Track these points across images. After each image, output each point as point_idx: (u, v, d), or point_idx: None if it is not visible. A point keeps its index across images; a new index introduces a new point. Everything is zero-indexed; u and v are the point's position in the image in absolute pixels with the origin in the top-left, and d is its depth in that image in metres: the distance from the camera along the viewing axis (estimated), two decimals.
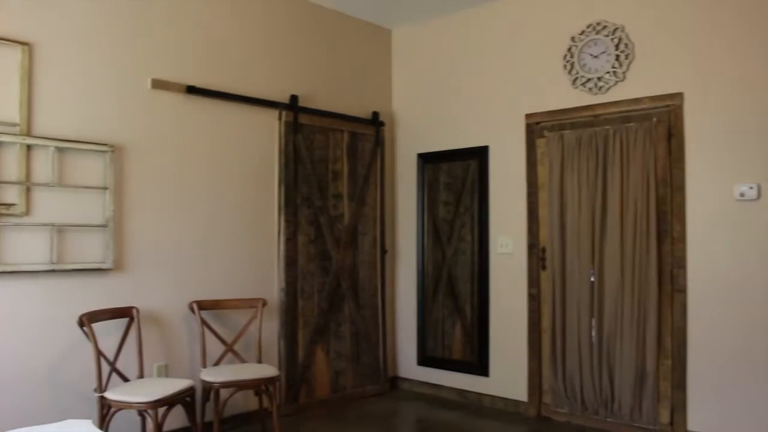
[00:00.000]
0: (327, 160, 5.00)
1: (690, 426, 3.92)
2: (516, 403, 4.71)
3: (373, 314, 5.29)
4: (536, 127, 4.67)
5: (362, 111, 5.36)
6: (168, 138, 4.07)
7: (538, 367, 4.62)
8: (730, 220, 3.80)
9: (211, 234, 4.29)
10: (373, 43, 5.60)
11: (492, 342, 4.88)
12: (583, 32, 4.41)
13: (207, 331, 4.08)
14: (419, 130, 5.48)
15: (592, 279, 4.27)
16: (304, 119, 4.84)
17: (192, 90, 4.16)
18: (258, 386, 3.97)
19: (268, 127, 4.68)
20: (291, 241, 4.69)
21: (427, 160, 5.40)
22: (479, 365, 4.94)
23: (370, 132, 5.36)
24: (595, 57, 4.34)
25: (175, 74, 4.13)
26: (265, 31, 4.72)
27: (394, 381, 5.53)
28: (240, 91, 4.47)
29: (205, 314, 4.12)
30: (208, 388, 3.83)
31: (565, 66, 4.49)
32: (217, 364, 4.10)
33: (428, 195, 5.37)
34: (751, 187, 3.69)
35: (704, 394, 3.90)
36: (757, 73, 3.72)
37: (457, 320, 5.11)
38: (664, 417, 4.04)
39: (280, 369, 4.56)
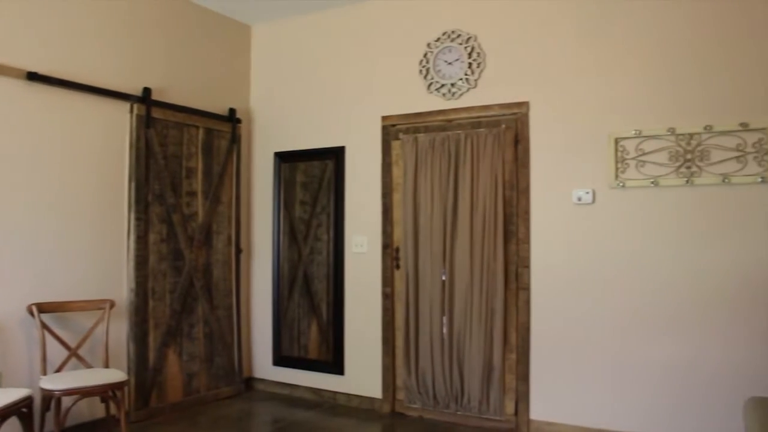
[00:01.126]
0: (181, 156, 4.99)
1: (532, 415, 4.38)
2: (371, 400, 5.00)
3: (227, 315, 5.37)
4: (392, 129, 4.98)
5: (219, 107, 5.41)
6: (2, 127, 3.90)
7: (392, 365, 4.92)
8: (569, 223, 4.29)
9: (54, 231, 4.17)
10: (232, 39, 5.64)
11: (347, 341, 5.14)
12: (438, 39, 4.78)
13: (48, 336, 3.97)
14: (277, 128, 5.62)
15: (444, 278, 4.62)
16: (157, 113, 4.80)
17: (34, 77, 4.00)
18: (104, 392, 3.91)
19: (119, 120, 4.63)
20: (142, 239, 4.66)
21: (284, 159, 5.54)
22: (335, 364, 5.19)
23: (227, 129, 5.42)
24: (450, 64, 4.73)
25: (15, 58, 3.96)
26: (121, 21, 4.64)
27: (250, 382, 5.65)
28: (89, 80, 4.37)
29: (46, 317, 4.00)
30: (49, 397, 3.72)
31: (420, 71, 4.84)
32: (59, 370, 4.01)
33: (285, 194, 5.53)
34: (587, 192, 4.22)
35: (545, 385, 4.35)
36: (590, 86, 4.23)
37: (313, 319, 5.34)
38: (510, 408, 4.47)
39: (129, 373, 4.52)
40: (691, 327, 3.99)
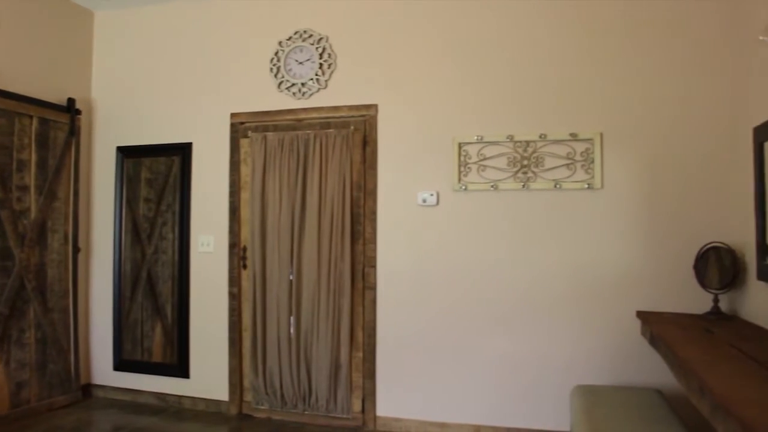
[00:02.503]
0: (11, 147, 4.76)
1: (379, 412, 4.63)
2: (217, 403, 5.07)
3: (63, 318, 5.20)
4: (241, 127, 5.05)
5: (56, 96, 5.22)
6: None
7: (239, 366, 5.00)
8: (414, 223, 4.56)
9: None
10: (72, 25, 5.43)
11: (193, 343, 5.17)
12: (290, 38, 4.92)
13: None
14: (120, 121, 5.51)
15: (291, 278, 4.76)
16: None
17: None
18: None
19: None
20: None
21: (127, 153, 5.46)
22: (180, 367, 5.20)
23: (64, 120, 5.22)
24: (301, 63, 4.89)
25: None
26: None
27: (88, 389, 5.51)
28: None
29: None
30: None
31: (271, 69, 4.96)
32: None
33: (128, 191, 5.45)
34: (431, 194, 4.51)
35: (391, 382, 4.59)
36: (437, 91, 4.56)
37: (158, 321, 5.32)
38: (357, 406, 4.67)
39: None
40: (526, 323, 4.37)
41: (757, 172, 3.43)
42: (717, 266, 3.72)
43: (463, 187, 4.46)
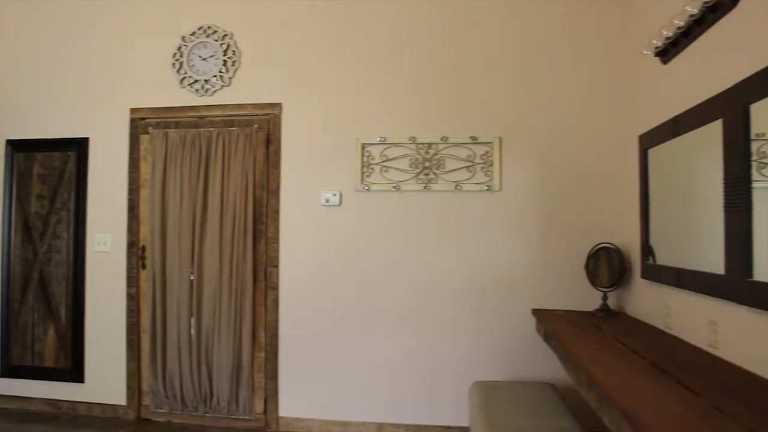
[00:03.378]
0: None
1: (282, 412, 4.60)
2: (114, 407, 4.91)
3: None
4: (141, 123, 4.91)
5: None
6: None
7: (137, 369, 4.87)
8: (317, 223, 4.56)
9: None
10: None
11: (88, 346, 4.98)
12: (194, 33, 4.83)
13: None
14: (11, 113, 5.25)
15: (192, 278, 4.69)
16: None
17: None
18: None
19: None
20: None
21: (18, 147, 5.21)
22: (74, 371, 5.01)
23: None
24: (204, 59, 4.82)
25: None
26: None
27: None
28: None
29: None
30: None
31: (174, 64, 4.85)
32: None
33: (18, 186, 5.21)
34: (334, 194, 4.53)
35: (293, 382, 4.58)
36: (341, 92, 4.59)
37: (50, 324, 5.10)
38: (259, 407, 4.64)
39: None
40: (427, 321, 4.45)
41: (642, 177, 3.65)
42: (607, 266, 3.93)
43: (366, 188, 4.51)
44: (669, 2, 3.24)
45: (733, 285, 2.44)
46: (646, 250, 3.59)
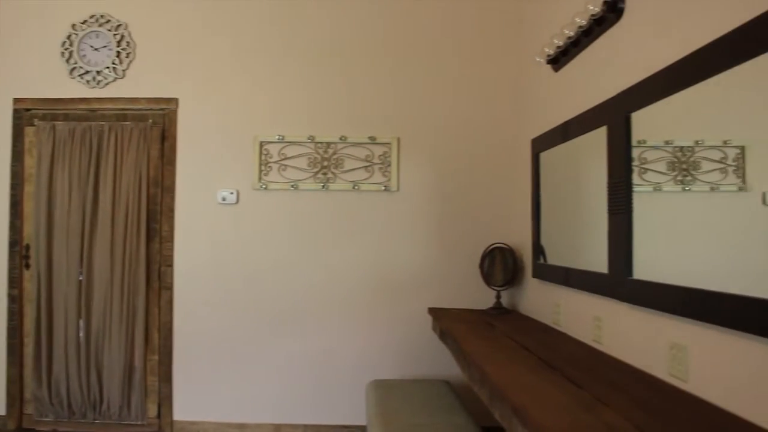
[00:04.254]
0: None
1: (176, 416, 4.50)
2: None
3: None
4: (26, 114, 4.67)
5: None
6: None
7: (19, 375, 4.63)
8: (213, 222, 4.49)
9: None
10: None
11: None
12: (85, 22, 4.62)
13: None
14: None
15: (81, 278, 4.51)
16: None
17: None
18: None
19: None
20: None
21: None
22: None
23: None
24: (96, 50, 4.63)
25: None
26: None
27: None
28: None
29: None
30: None
31: (63, 53, 4.63)
32: None
33: None
34: (231, 192, 4.47)
35: (188, 385, 4.48)
36: (240, 89, 4.53)
37: None
38: (152, 411, 4.51)
39: None
40: (325, 321, 4.45)
41: (534, 179, 3.80)
42: (500, 265, 4.07)
43: (264, 186, 4.48)
44: (561, 13, 3.39)
45: (616, 283, 2.58)
46: (538, 250, 3.74)
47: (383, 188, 4.36)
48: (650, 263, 2.34)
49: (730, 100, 1.86)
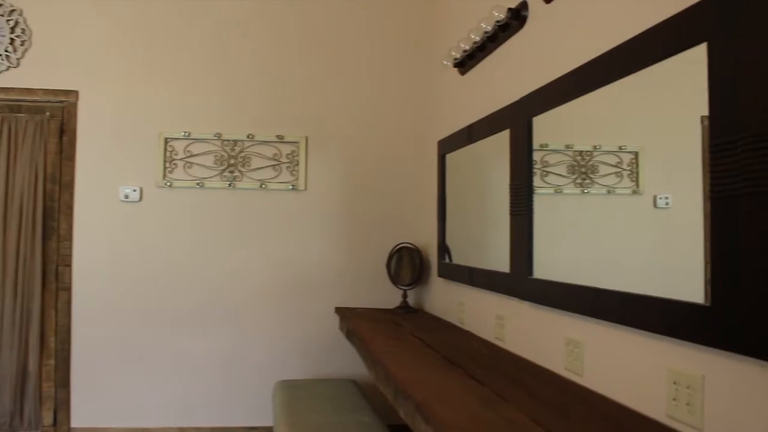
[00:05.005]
0: None
1: (74, 423, 4.31)
2: None
3: None
4: None
5: None
6: None
7: None
8: (115, 220, 4.35)
9: None
10: None
11: None
12: None
13: None
14: None
15: None
16: None
17: None
18: None
19: None
20: None
21: None
22: None
23: None
24: None
25: None
26: None
27: None
28: None
29: None
30: None
31: None
32: None
33: None
34: (134, 190, 4.35)
35: (88, 390, 4.32)
36: (144, 83, 4.44)
37: None
38: (48, 419, 4.31)
39: None
40: (231, 321, 4.38)
41: (440, 180, 3.89)
42: (407, 265, 4.14)
43: (168, 184, 4.38)
44: (468, 17, 3.47)
45: (517, 282, 2.67)
46: (443, 249, 3.82)
47: (291, 187, 4.35)
48: (550, 263, 2.44)
49: (624, 108, 1.97)
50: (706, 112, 1.51)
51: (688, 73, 1.56)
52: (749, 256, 1.38)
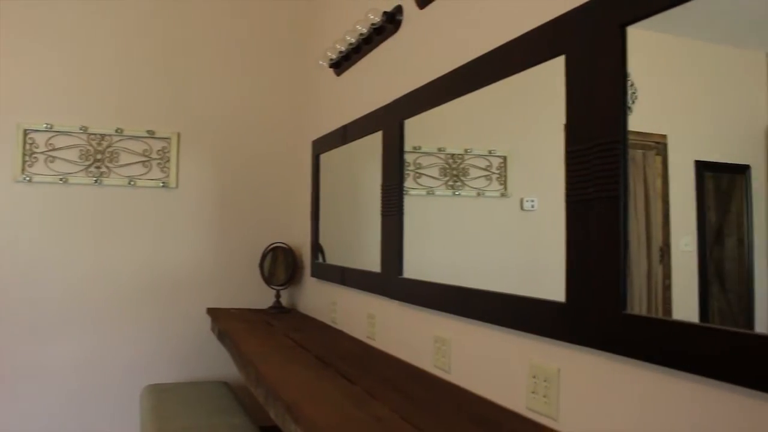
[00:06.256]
0: None
1: None
2: None
3: None
4: None
5: None
6: None
7: None
8: None
9: None
10: None
11: None
12: None
13: None
14: None
15: None
16: None
17: None
18: None
19: None
20: None
21: None
22: None
23: None
24: None
25: None
26: None
27: None
28: None
29: None
30: None
31: None
32: None
33: None
34: None
35: None
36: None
37: None
38: None
39: None
40: (95, 324, 4.15)
41: (314, 180, 3.90)
42: (281, 265, 4.12)
43: (27, 179, 4.11)
44: (347, 19, 3.50)
45: (388, 282, 2.72)
46: (317, 249, 3.84)
47: (161, 184, 4.22)
48: (421, 263, 2.50)
49: (494, 113, 2.05)
50: None
51: (553, 82, 1.64)
52: (599, 257, 1.47)
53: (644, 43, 1.44)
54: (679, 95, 1.47)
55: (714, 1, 1.26)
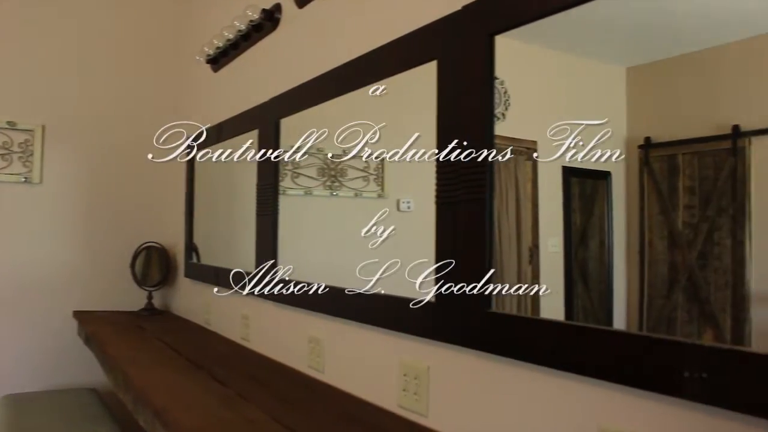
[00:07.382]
0: None
1: None
2: None
3: None
4: None
5: None
6: None
7: None
8: None
9: None
10: None
11: None
12: None
13: None
14: None
15: None
16: None
17: None
18: None
19: None
20: None
21: None
22: None
23: None
24: None
25: None
26: None
27: None
28: None
29: None
30: None
31: None
32: None
33: None
34: None
35: None
36: None
37: None
38: None
39: None
40: None
41: (189, 178, 3.81)
42: (155, 265, 3.99)
43: None
44: (226, 15, 3.41)
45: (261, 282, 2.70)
46: (190, 249, 3.74)
47: (23, 180, 3.96)
48: (296, 263, 2.49)
49: (371, 115, 2.06)
50: None
51: (429, 87, 1.67)
52: (465, 257, 1.52)
53: (518, 54, 1.50)
54: (549, 104, 1.53)
55: (581, 18, 1.33)
